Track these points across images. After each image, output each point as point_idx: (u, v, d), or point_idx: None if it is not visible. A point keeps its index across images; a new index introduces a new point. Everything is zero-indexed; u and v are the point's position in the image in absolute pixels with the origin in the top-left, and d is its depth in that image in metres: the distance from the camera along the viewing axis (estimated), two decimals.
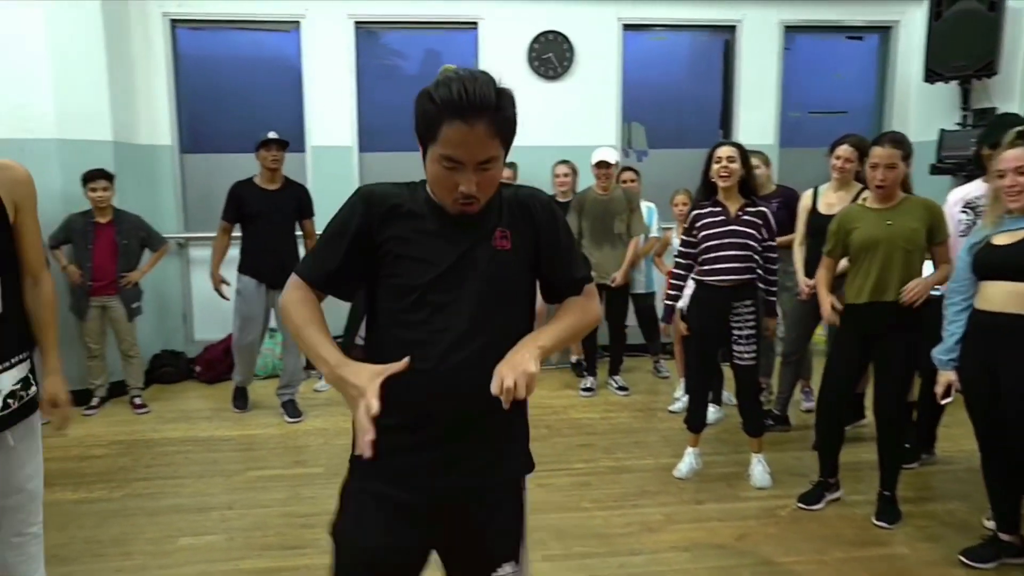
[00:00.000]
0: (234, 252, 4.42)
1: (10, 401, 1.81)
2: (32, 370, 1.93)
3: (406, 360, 1.28)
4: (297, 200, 4.43)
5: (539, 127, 5.59)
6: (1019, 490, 2.61)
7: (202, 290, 4.60)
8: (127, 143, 4.99)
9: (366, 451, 1.21)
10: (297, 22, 5.36)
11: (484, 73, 1.33)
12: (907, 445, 3.58)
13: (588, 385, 4.93)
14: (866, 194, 3.15)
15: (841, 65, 6.17)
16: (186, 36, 5.41)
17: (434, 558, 1.47)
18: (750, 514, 3.11)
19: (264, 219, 4.27)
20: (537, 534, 2.92)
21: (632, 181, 5.08)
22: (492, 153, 1.31)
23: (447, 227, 1.39)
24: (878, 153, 2.78)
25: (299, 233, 4.54)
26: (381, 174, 5.49)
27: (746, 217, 3.25)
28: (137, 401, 4.58)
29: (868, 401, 3.58)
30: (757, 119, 5.87)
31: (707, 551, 2.80)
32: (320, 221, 5.39)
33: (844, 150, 3.69)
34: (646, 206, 5.04)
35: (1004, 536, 2.65)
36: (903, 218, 2.81)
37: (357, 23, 5.41)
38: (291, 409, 4.40)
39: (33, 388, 1.92)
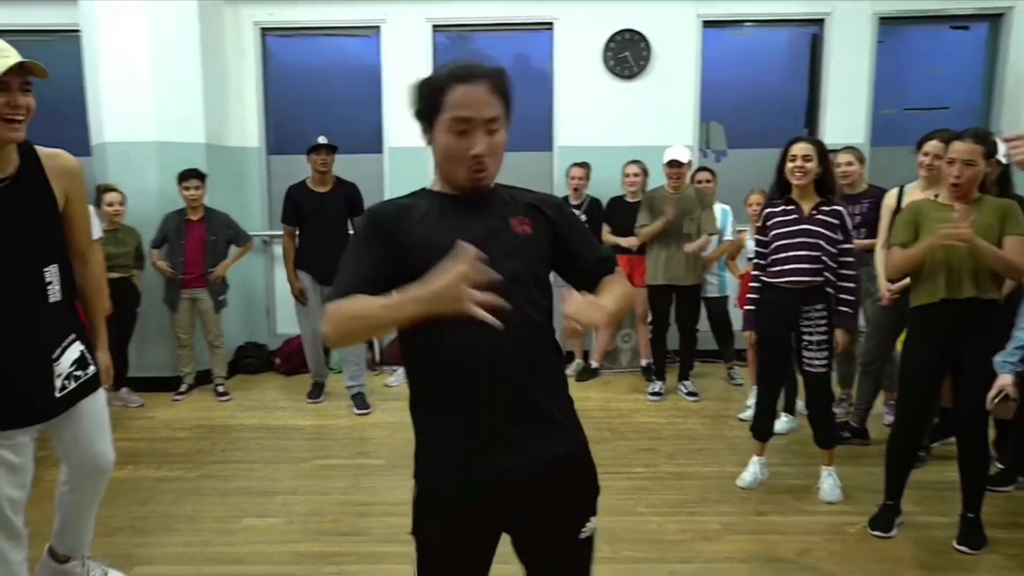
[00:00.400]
0: None
1: (67, 382, 1.95)
2: (87, 350, 2.07)
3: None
4: (347, 199, 4.59)
5: (613, 127, 5.56)
6: None
7: (284, 286, 4.82)
8: (218, 145, 5.28)
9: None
10: (377, 27, 5.53)
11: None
12: (1000, 466, 3.33)
13: (656, 389, 4.82)
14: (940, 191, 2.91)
15: (943, 58, 5.78)
16: (274, 43, 5.68)
17: None
18: (815, 529, 2.95)
19: (317, 219, 4.47)
20: None
21: (707, 182, 4.94)
22: (496, 112, 1.36)
23: (463, 216, 1.40)
24: (957, 148, 2.59)
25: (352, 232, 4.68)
26: None
27: (820, 216, 3.09)
28: (220, 389, 4.85)
29: None
30: (846, 117, 5.59)
31: (764, 564, 2.68)
32: None
33: (933, 146, 3.43)
34: (720, 208, 4.89)
35: None
36: (977, 215, 2.59)
37: (434, 26, 5.52)
38: (359, 401, 4.54)
39: (91, 368, 2.06)
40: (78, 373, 2.02)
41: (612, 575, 2.60)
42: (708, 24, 5.53)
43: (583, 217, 5.23)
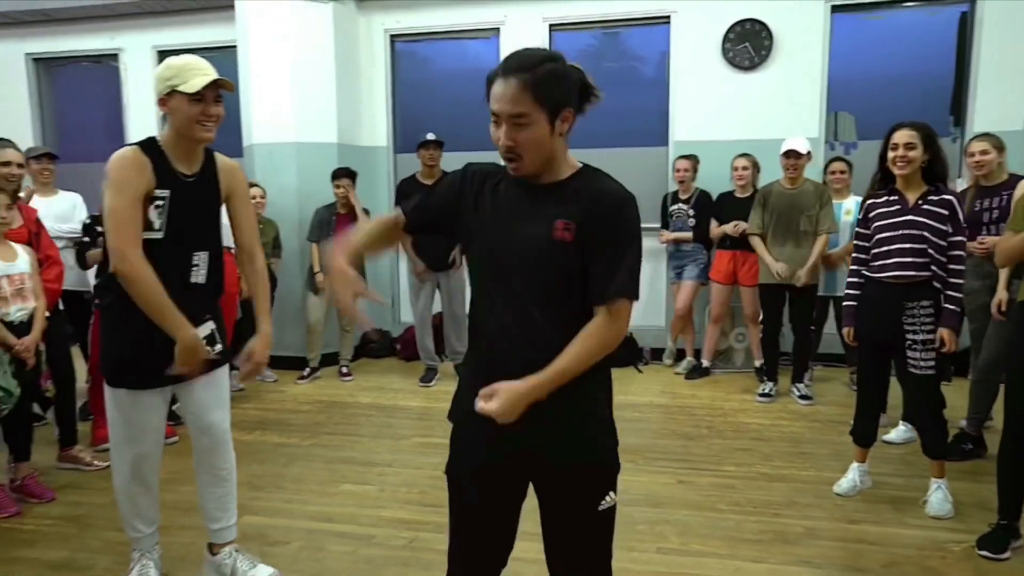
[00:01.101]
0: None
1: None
2: (216, 331, 2.34)
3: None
4: None
5: (732, 121, 5.42)
6: None
7: (408, 276, 5.16)
8: (349, 144, 5.72)
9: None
10: (497, 29, 5.73)
11: (541, 48, 1.53)
12: None
13: (766, 391, 4.65)
14: None
15: None
16: (401, 48, 6.05)
17: None
18: (911, 543, 2.76)
19: None
20: (659, 527, 2.91)
21: (842, 173, 4.65)
22: (522, 109, 1.43)
23: (520, 202, 1.52)
24: None
25: None
26: None
27: (926, 207, 2.87)
28: (344, 370, 5.27)
29: None
30: (1000, 102, 5.08)
31: (841, 571, 2.56)
32: None
33: None
34: (855, 200, 4.58)
35: None
36: None
37: (551, 26, 5.64)
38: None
39: (218, 346, 2.33)
40: (207, 348, 2.27)
41: (676, 567, 2.60)
42: (837, 9, 5.23)
43: (691, 211, 5.14)
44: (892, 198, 2.96)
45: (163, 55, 6.33)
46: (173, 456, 3.32)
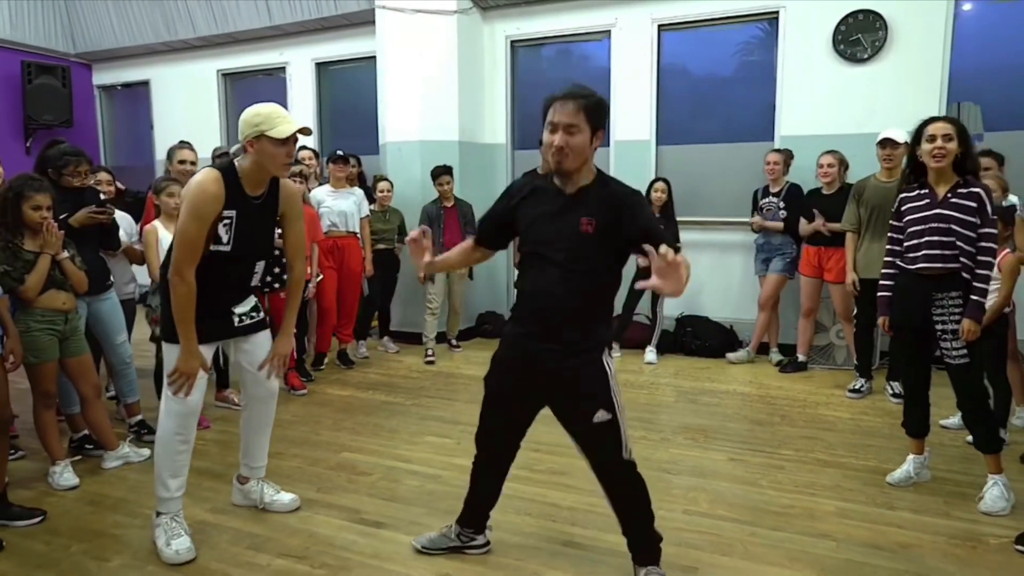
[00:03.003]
0: None
1: (243, 319, 2.75)
2: (258, 305, 2.84)
3: None
4: None
5: (843, 115, 5.36)
6: None
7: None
8: (470, 142, 6.29)
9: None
10: (608, 31, 6.04)
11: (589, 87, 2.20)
12: None
13: (856, 387, 4.63)
14: None
15: None
16: (520, 52, 6.53)
17: None
18: (945, 532, 2.80)
19: None
20: (693, 493, 3.16)
21: (986, 169, 4.29)
22: (574, 121, 2.10)
23: (547, 203, 2.25)
24: None
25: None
26: (675, 165, 5.91)
27: (955, 200, 2.90)
28: (453, 342, 5.87)
29: None
30: None
31: (856, 547, 2.68)
32: None
33: None
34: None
35: None
36: None
37: (660, 26, 5.85)
38: None
39: (261, 314, 2.83)
40: (252, 314, 2.80)
41: (694, 526, 2.85)
42: None
43: (781, 204, 5.17)
44: (923, 192, 3.01)
45: (320, 66, 7.29)
46: None
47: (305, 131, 2.56)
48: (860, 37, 5.24)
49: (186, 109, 8.01)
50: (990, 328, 3.48)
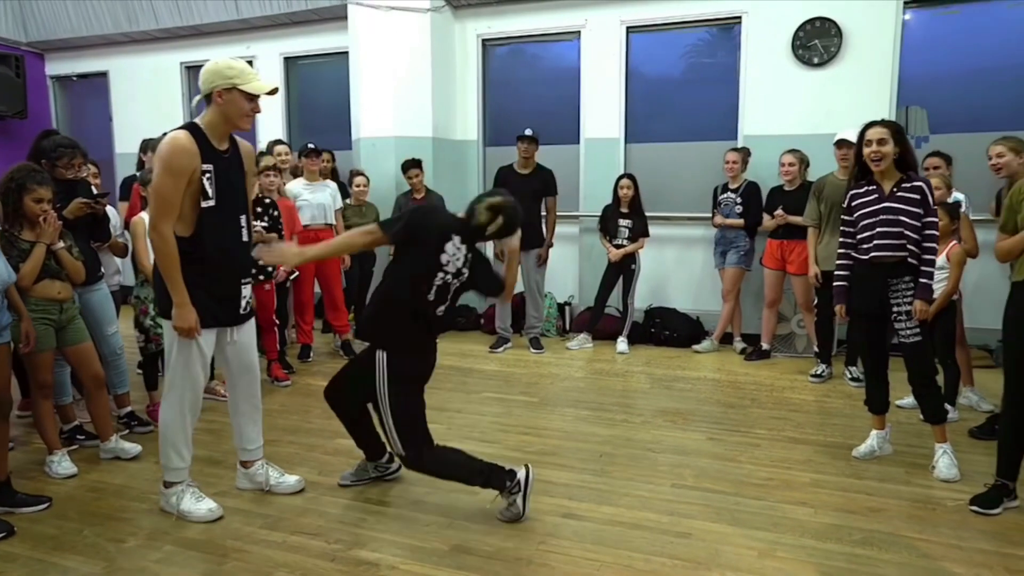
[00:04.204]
0: None
1: (248, 305, 2.85)
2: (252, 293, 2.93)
3: None
4: (543, 182, 5.35)
5: (801, 116, 5.65)
6: None
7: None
8: (443, 139, 6.40)
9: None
10: (578, 32, 6.23)
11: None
12: None
13: (818, 372, 4.92)
14: None
15: None
16: (491, 50, 6.66)
17: None
18: (907, 497, 3.06)
19: (517, 196, 5.26)
20: (679, 469, 3.36)
21: (935, 168, 4.53)
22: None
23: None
24: None
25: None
26: (643, 162, 6.13)
27: (900, 193, 3.20)
28: None
29: None
30: None
31: (832, 512, 2.91)
32: (587, 204, 6.23)
33: None
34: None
35: None
36: None
37: (628, 28, 6.07)
38: (535, 344, 5.59)
39: (252, 300, 2.94)
40: (251, 301, 2.92)
41: (683, 499, 3.04)
42: (910, 4, 5.35)
43: (738, 200, 5.46)
44: (870, 188, 3.30)
45: (289, 61, 7.28)
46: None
47: (273, 91, 2.69)
48: (817, 43, 5.56)
49: (147, 102, 7.87)
50: (940, 314, 3.80)
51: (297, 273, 4.99)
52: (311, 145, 5.34)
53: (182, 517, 2.77)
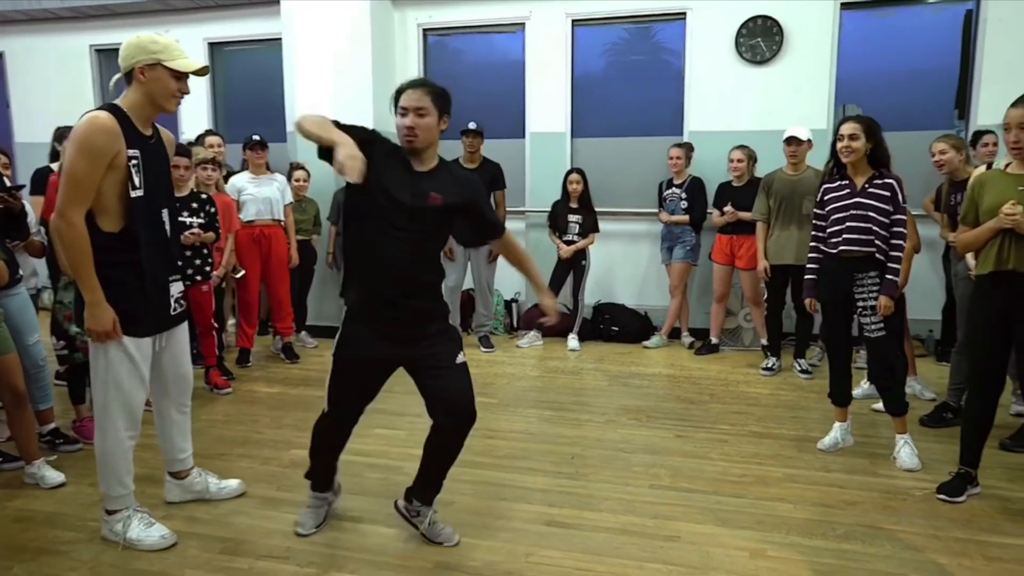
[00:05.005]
0: None
1: (176, 305, 2.58)
2: (185, 292, 2.68)
3: None
4: (492, 176, 5.23)
5: (744, 113, 5.72)
6: None
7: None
8: (385, 132, 6.12)
9: (355, 174, 2.13)
10: (522, 23, 6.11)
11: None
12: None
13: (769, 365, 4.99)
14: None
15: None
16: (433, 41, 6.46)
17: None
18: (877, 488, 3.10)
19: None
20: (654, 469, 3.29)
21: (943, 153, 4.27)
22: (423, 104, 2.30)
23: (408, 174, 2.36)
24: (1011, 114, 2.68)
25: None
26: (590, 157, 6.07)
27: (872, 189, 3.25)
28: None
29: None
30: (1003, 97, 5.20)
31: (810, 507, 2.91)
32: (534, 199, 6.13)
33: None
34: None
35: None
36: None
37: (573, 21, 5.99)
38: (485, 342, 5.50)
39: (184, 303, 2.68)
40: (182, 302, 2.64)
41: (664, 499, 2.98)
42: (846, 6, 5.51)
43: (683, 195, 5.50)
44: (843, 183, 3.34)
45: (214, 47, 6.84)
46: None
47: (203, 72, 2.45)
48: (759, 41, 5.64)
49: (52, 86, 7.24)
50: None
51: (244, 271, 4.66)
52: (255, 137, 5.00)
53: (130, 546, 2.48)
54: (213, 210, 4.18)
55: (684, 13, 5.77)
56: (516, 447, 3.54)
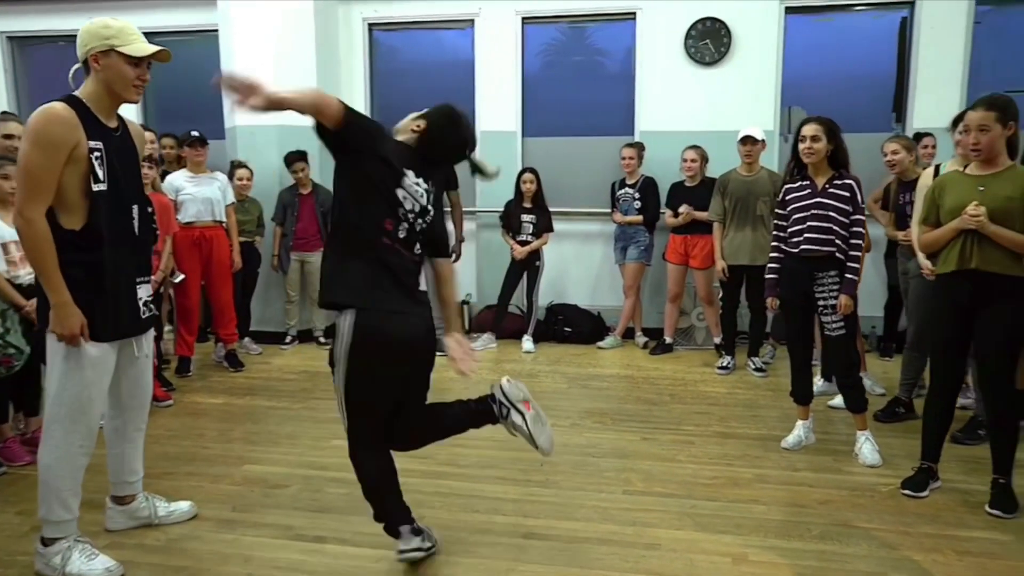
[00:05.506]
0: None
1: (145, 309, 2.39)
2: (152, 295, 2.48)
3: None
4: (444, 176, 5.06)
5: (694, 113, 5.75)
6: None
7: None
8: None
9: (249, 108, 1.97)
10: (472, 20, 5.99)
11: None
12: None
13: (724, 364, 5.02)
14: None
15: None
16: (381, 37, 6.27)
17: None
18: (845, 485, 3.12)
19: None
20: (625, 473, 3.23)
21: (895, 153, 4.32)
22: None
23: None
24: (970, 117, 2.73)
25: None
26: (541, 156, 5.99)
27: (832, 190, 3.30)
28: (321, 339, 5.53)
29: None
30: (937, 101, 5.51)
31: (783, 507, 2.90)
32: (485, 199, 6.02)
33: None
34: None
35: None
36: (999, 185, 2.70)
37: (524, 19, 5.92)
38: (438, 346, 5.18)
39: (153, 308, 2.48)
40: (151, 305, 2.45)
41: (640, 504, 2.92)
42: (791, 10, 5.61)
43: (636, 195, 5.51)
44: (804, 183, 3.38)
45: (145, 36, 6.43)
46: None
47: (163, 56, 2.29)
48: (708, 42, 5.69)
49: None
50: None
51: (183, 276, 4.37)
52: (195, 133, 4.70)
53: None
54: (150, 211, 3.88)
55: (634, 13, 5.78)
56: (482, 455, 3.42)
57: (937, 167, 3.70)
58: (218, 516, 2.72)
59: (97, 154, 2.20)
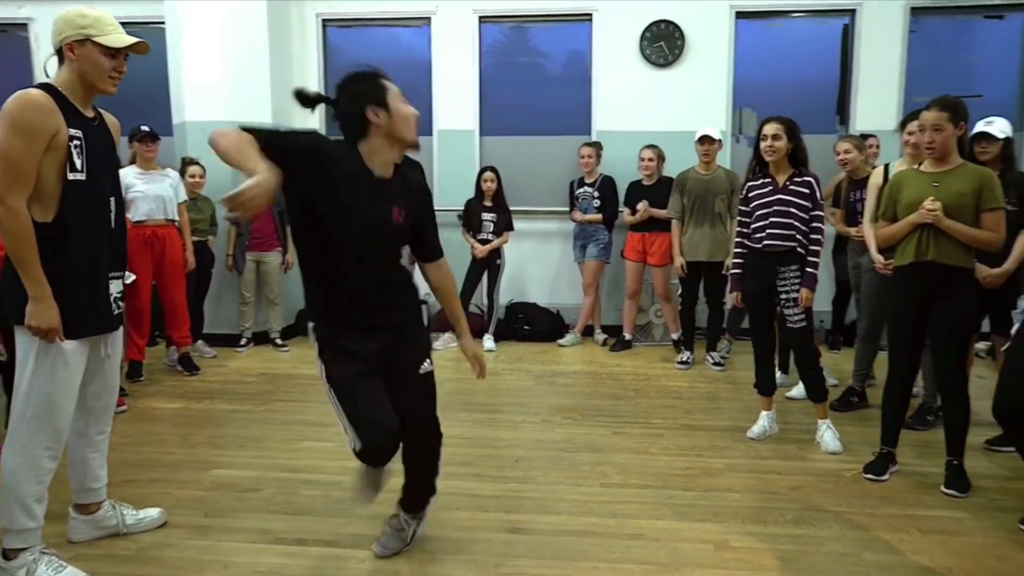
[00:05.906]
0: None
1: (117, 305, 2.30)
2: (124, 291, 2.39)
3: None
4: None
5: (649, 114, 5.86)
6: None
7: None
8: (285, 123, 5.77)
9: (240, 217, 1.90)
10: (428, 18, 5.95)
11: None
12: None
13: (684, 359, 5.13)
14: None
15: (978, 47, 5.90)
16: (334, 34, 6.16)
17: None
18: (812, 472, 3.23)
19: None
20: (600, 467, 3.26)
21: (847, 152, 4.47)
22: None
23: (371, 190, 2.13)
24: (925, 116, 2.87)
25: None
26: (499, 155, 6.00)
27: (792, 187, 3.42)
28: (278, 341, 5.42)
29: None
30: (877, 104, 5.77)
31: (756, 495, 2.98)
32: (443, 198, 5.98)
33: (915, 125, 3.62)
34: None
35: None
36: (952, 182, 2.86)
37: (481, 18, 5.91)
38: None
39: (122, 304, 2.38)
40: (121, 302, 2.35)
41: (618, 497, 2.95)
42: (741, 15, 5.78)
43: (595, 194, 5.58)
44: (766, 180, 3.50)
45: None
46: None
47: (141, 48, 2.24)
48: (663, 44, 5.81)
49: None
50: None
51: (134, 276, 4.19)
52: (145, 128, 4.51)
53: None
54: None
55: (590, 14, 5.85)
56: (456, 453, 3.39)
57: (887, 166, 3.86)
58: (190, 523, 2.62)
59: (76, 143, 2.12)
